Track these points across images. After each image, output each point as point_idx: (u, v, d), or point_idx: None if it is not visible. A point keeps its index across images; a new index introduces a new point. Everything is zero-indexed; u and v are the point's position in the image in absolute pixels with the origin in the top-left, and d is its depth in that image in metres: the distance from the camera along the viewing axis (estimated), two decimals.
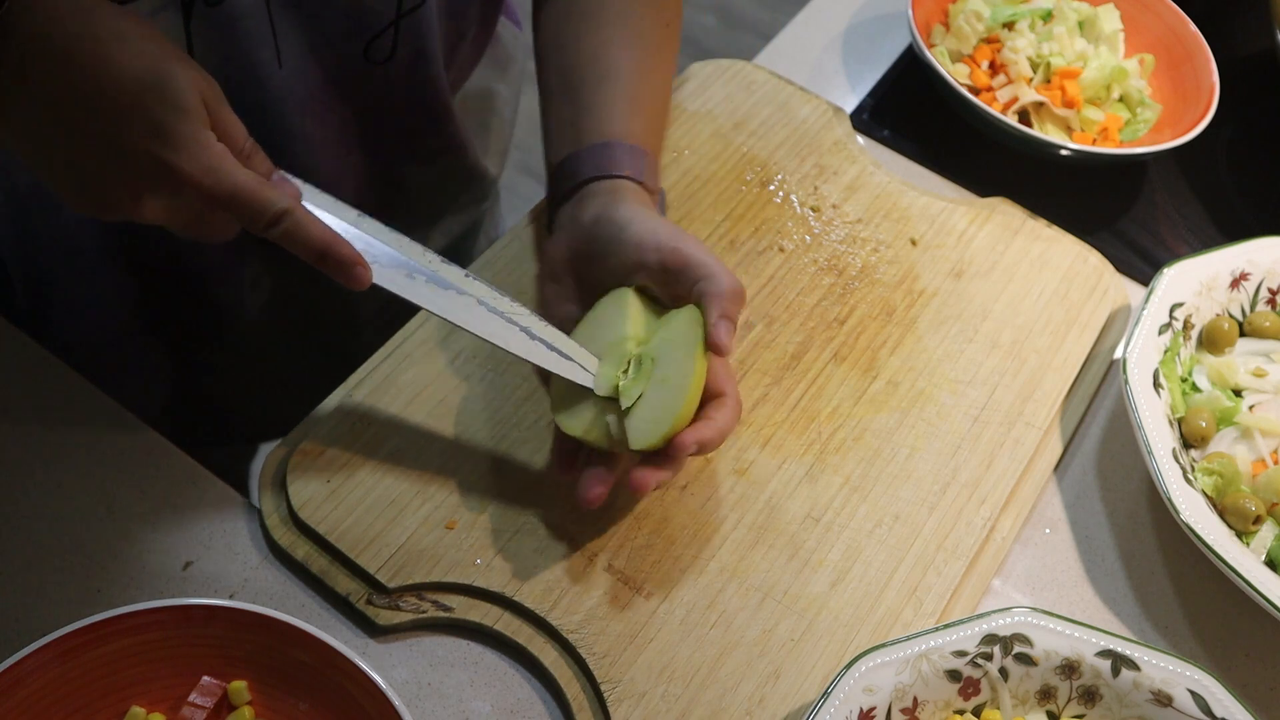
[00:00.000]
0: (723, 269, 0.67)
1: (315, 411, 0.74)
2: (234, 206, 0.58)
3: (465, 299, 0.66)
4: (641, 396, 0.66)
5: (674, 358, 0.66)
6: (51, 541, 0.69)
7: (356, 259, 0.61)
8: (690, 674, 0.66)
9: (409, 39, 0.77)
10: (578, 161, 0.73)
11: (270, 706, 0.63)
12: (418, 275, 0.65)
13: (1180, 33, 1.01)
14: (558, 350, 0.67)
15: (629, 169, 0.73)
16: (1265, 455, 0.76)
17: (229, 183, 0.57)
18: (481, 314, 0.66)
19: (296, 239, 0.59)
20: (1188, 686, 0.64)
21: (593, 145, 0.73)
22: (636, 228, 0.69)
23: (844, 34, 1.06)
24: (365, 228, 0.65)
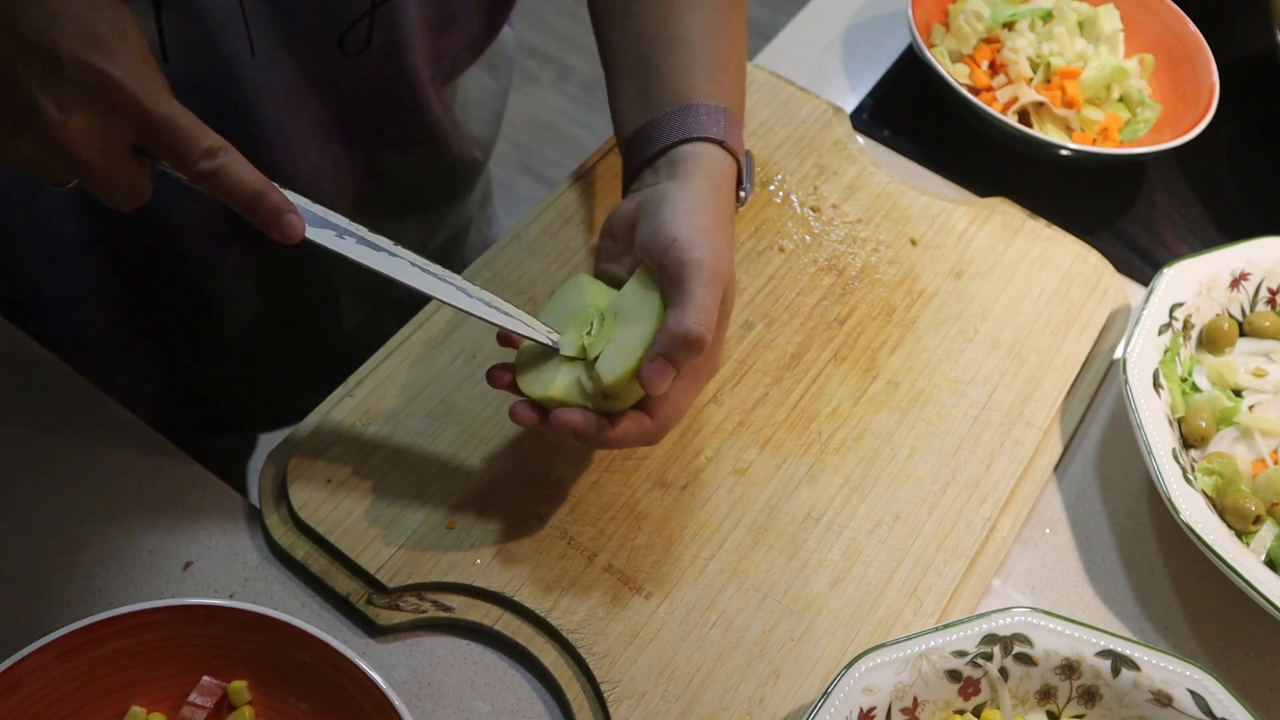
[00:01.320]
0: (700, 308, 0.62)
1: (315, 411, 0.74)
2: (166, 133, 0.55)
3: (396, 260, 0.63)
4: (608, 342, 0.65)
5: (638, 303, 0.65)
6: (51, 541, 0.69)
7: (288, 207, 0.58)
8: (690, 674, 0.66)
9: (384, 29, 0.77)
10: (656, 127, 0.71)
11: (270, 706, 0.63)
12: (348, 236, 0.62)
13: (1180, 33, 1.01)
14: (497, 308, 0.65)
15: (714, 130, 0.70)
16: (1265, 455, 0.76)
17: (166, 108, 0.55)
18: (416, 273, 0.64)
19: (227, 180, 0.57)
20: (1188, 686, 0.64)
21: (672, 110, 0.71)
22: (668, 215, 0.66)
23: (844, 34, 1.06)
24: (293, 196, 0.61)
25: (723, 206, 0.69)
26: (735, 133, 0.72)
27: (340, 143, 0.83)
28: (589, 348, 0.65)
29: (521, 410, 0.64)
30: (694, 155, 0.69)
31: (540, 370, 0.66)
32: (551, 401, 0.64)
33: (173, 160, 0.57)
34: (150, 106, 0.54)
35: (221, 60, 0.71)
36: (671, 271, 0.64)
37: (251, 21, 0.71)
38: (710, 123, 0.70)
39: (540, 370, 0.66)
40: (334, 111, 0.81)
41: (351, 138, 0.84)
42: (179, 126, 0.55)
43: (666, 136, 0.70)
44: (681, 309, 0.62)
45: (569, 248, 0.83)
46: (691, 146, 0.70)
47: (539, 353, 0.66)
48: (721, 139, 0.70)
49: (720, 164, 0.70)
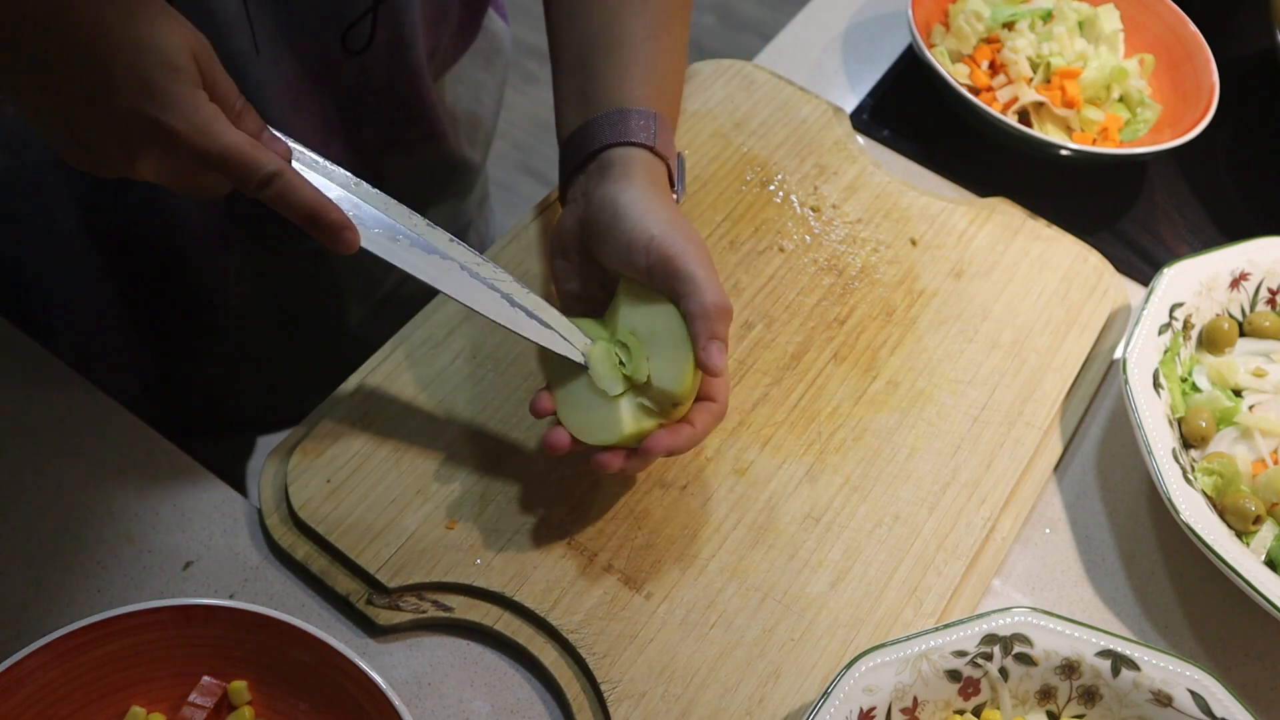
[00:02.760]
0: (709, 283, 0.65)
1: (315, 410, 0.74)
2: (224, 167, 0.58)
3: (448, 264, 0.65)
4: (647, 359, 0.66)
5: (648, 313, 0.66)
6: (51, 541, 0.69)
7: (345, 223, 0.61)
8: (690, 674, 0.66)
9: (387, 25, 0.77)
10: (589, 131, 0.72)
11: (270, 706, 0.63)
12: (402, 238, 0.65)
13: (1180, 33, 1.01)
14: (538, 318, 0.67)
15: (641, 135, 0.71)
16: (1265, 455, 0.76)
17: (220, 143, 0.57)
18: (463, 278, 0.66)
19: (286, 201, 0.59)
20: (1188, 686, 0.64)
21: (605, 114, 0.72)
22: (632, 221, 0.67)
23: (844, 34, 1.06)
24: (354, 190, 0.64)
25: (668, 199, 0.70)
26: (665, 137, 0.72)
27: (342, 141, 0.84)
28: (634, 374, 0.66)
29: (610, 459, 0.65)
30: (624, 159, 0.70)
31: (597, 416, 0.66)
32: (628, 440, 0.65)
33: (235, 185, 0.59)
34: (205, 146, 0.57)
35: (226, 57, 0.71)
36: (663, 268, 0.65)
37: (255, 19, 0.71)
38: (639, 128, 0.71)
39: (597, 416, 0.66)
40: (336, 110, 0.81)
41: (353, 136, 0.84)
42: (233, 160, 0.57)
43: (597, 140, 0.71)
44: (696, 290, 0.65)
45: None
46: (622, 151, 0.70)
47: (583, 397, 0.67)
48: (650, 144, 0.71)
49: (650, 167, 0.71)
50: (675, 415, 0.66)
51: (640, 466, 0.67)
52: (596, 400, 0.66)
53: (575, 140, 0.73)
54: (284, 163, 0.59)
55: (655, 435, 0.65)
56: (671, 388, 0.65)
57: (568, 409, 0.67)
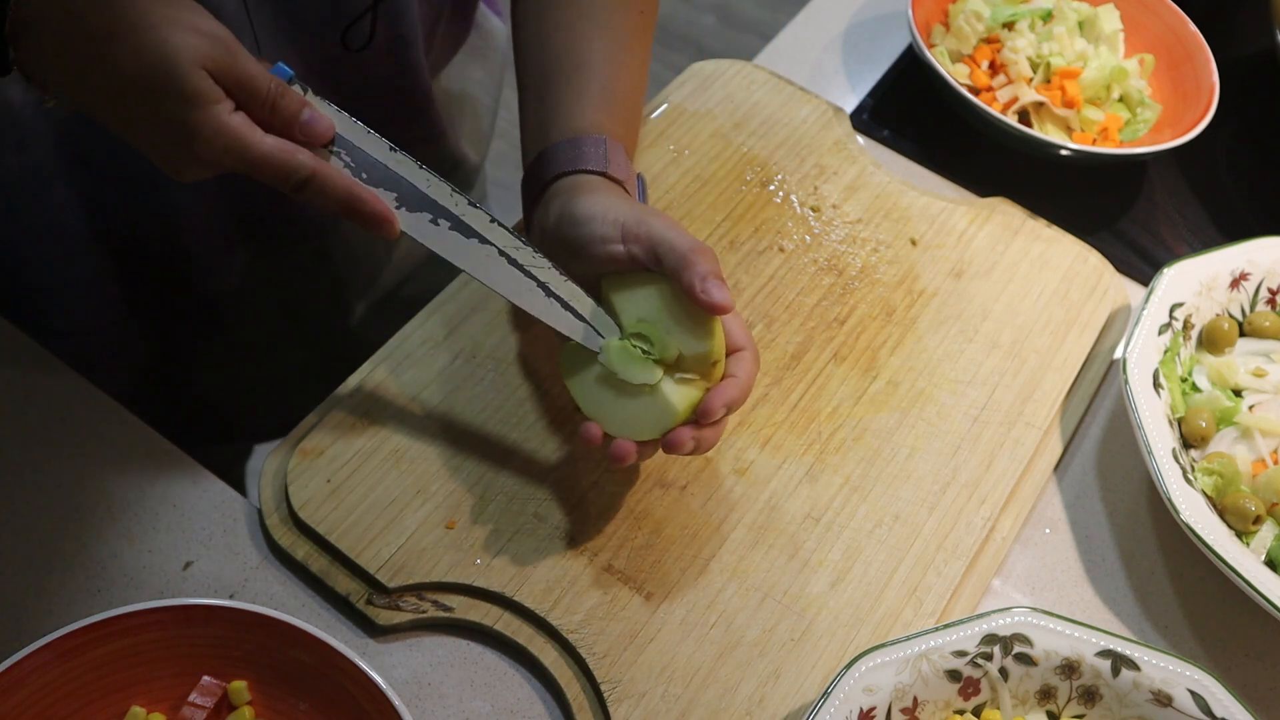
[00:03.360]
0: (681, 235, 0.65)
1: (315, 410, 0.74)
2: (260, 176, 0.59)
3: (487, 249, 0.65)
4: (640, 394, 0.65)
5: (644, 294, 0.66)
6: (51, 541, 0.69)
7: (384, 212, 0.62)
8: (690, 674, 0.66)
9: (386, 24, 0.77)
10: (543, 161, 0.72)
11: (270, 706, 0.63)
12: (442, 221, 0.65)
13: (1180, 33, 1.01)
14: (572, 309, 0.66)
15: (592, 162, 0.71)
16: (1265, 455, 0.76)
17: (250, 156, 0.58)
18: (499, 265, 0.65)
19: (325, 198, 0.61)
20: (1188, 686, 0.64)
21: (558, 143, 0.72)
22: (597, 220, 0.66)
23: (844, 34, 1.06)
24: (395, 163, 0.64)
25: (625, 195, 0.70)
26: (618, 160, 0.72)
27: None
28: (664, 355, 0.65)
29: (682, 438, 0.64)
30: (575, 186, 0.70)
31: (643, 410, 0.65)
32: (683, 418, 0.65)
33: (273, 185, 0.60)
34: (236, 163, 0.58)
35: None
36: (641, 243, 0.65)
37: (255, 19, 0.71)
38: (591, 155, 0.71)
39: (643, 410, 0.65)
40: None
41: None
42: (267, 169, 0.59)
43: (550, 170, 0.71)
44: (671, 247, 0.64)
45: None
46: (573, 179, 0.70)
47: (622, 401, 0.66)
48: (603, 170, 0.71)
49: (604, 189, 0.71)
50: (716, 375, 0.65)
51: (712, 437, 0.66)
52: (635, 397, 0.65)
53: (532, 173, 0.73)
54: (317, 163, 0.60)
55: (708, 397, 0.64)
56: (702, 348, 0.64)
57: (611, 418, 0.66)
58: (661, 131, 0.90)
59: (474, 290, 0.80)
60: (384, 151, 0.64)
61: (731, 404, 0.65)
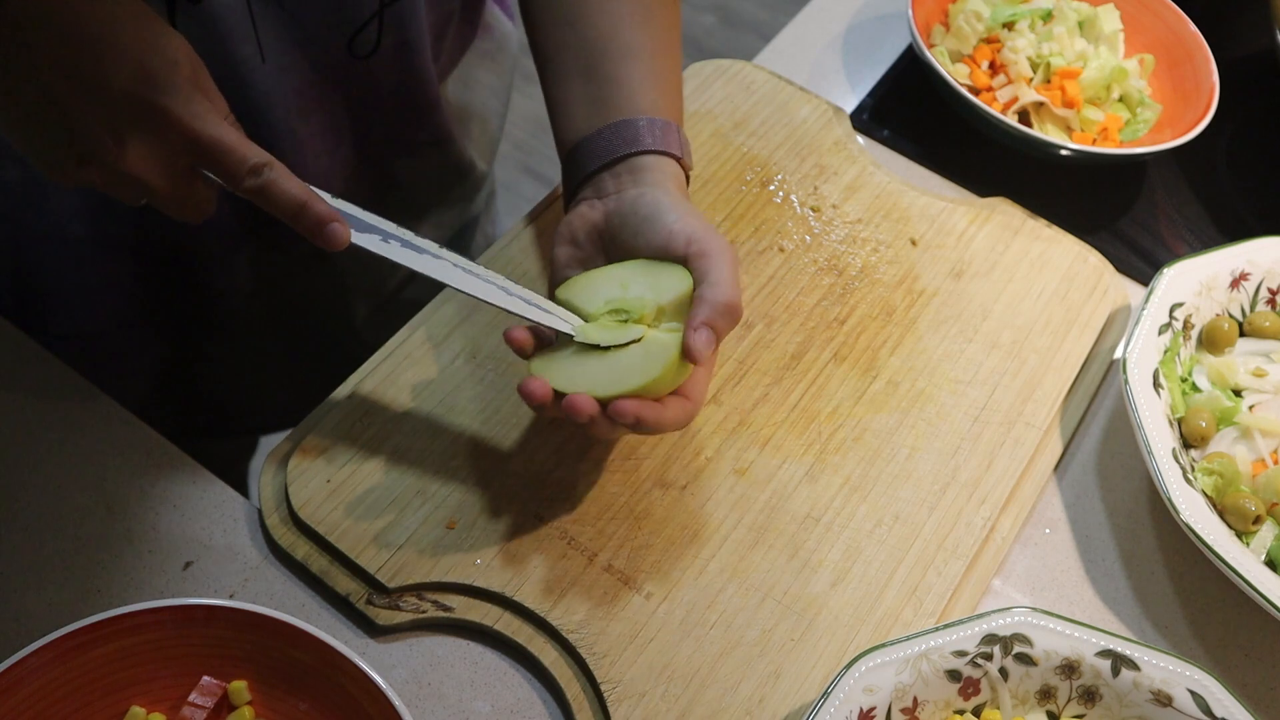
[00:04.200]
0: (730, 284, 0.66)
1: (315, 411, 0.74)
2: (216, 154, 0.58)
3: (441, 262, 0.66)
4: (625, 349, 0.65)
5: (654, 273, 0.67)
6: (51, 541, 0.69)
7: (333, 216, 0.61)
8: (690, 674, 0.66)
9: (393, 30, 0.77)
10: (612, 135, 0.72)
11: (270, 706, 0.63)
12: (392, 240, 0.65)
13: (1180, 33, 1.01)
14: (536, 305, 0.67)
15: (674, 145, 0.72)
16: (1265, 455, 0.76)
17: (209, 133, 0.58)
18: (458, 272, 0.66)
19: (273, 194, 0.60)
20: (1188, 686, 0.64)
21: (628, 120, 0.72)
22: (677, 216, 0.68)
23: (844, 34, 1.06)
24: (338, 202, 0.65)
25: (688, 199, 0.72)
26: (689, 150, 0.75)
27: (351, 147, 0.84)
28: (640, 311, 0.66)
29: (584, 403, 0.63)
30: (657, 165, 0.71)
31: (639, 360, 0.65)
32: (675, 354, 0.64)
33: (223, 178, 0.60)
34: (199, 130, 0.58)
35: (232, 66, 0.72)
36: (698, 261, 0.67)
37: (260, 27, 0.71)
38: (673, 140, 0.73)
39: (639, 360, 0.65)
40: (344, 116, 0.81)
41: (362, 142, 0.84)
42: (225, 147, 0.59)
43: (630, 145, 0.72)
44: (717, 285, 0.65)
45: None
46: (655, 158, 0.72)
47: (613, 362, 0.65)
48: (679, 155, 0.73)
49: (679, 177, 0.73)
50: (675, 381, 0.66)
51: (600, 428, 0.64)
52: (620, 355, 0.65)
53: (596, 144, 0.73)
54: (271, 159, 0.60)
55: (626, 401, 0.63)
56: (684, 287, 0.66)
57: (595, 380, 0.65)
58: None
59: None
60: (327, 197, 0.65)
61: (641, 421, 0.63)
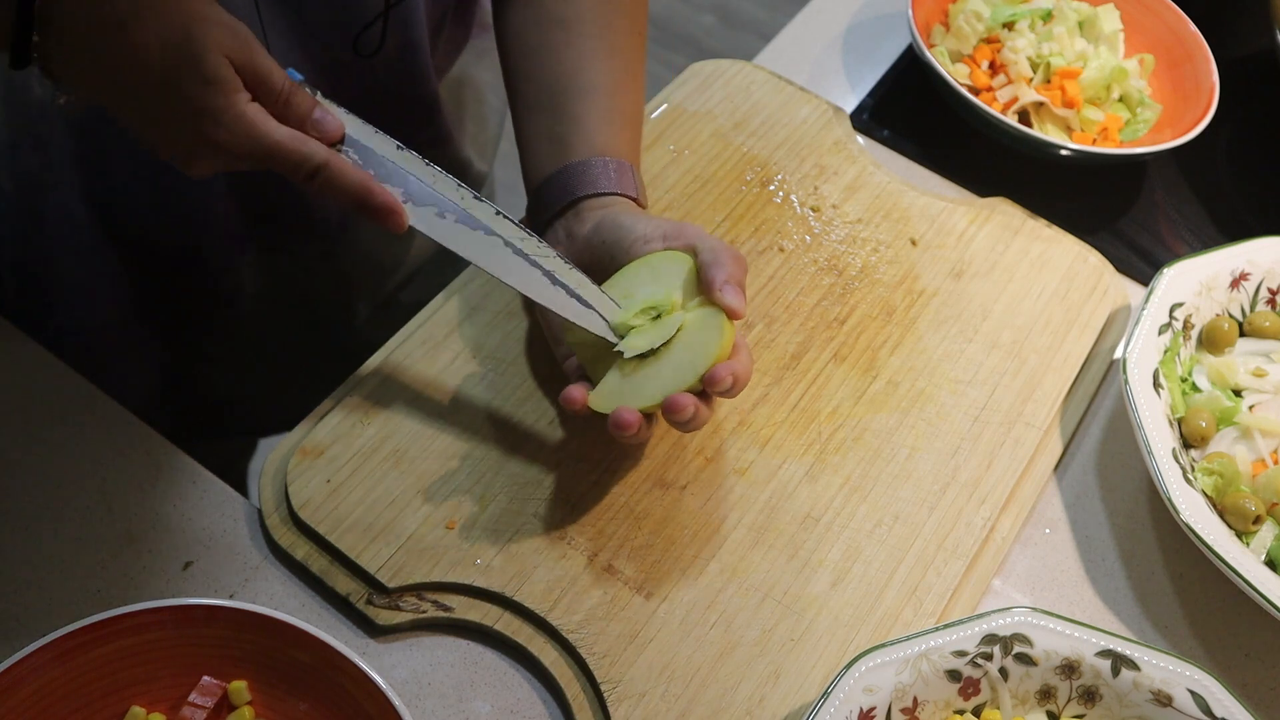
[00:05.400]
0: (723, 243, 0.68)
1: (315, 411, 0.74)
2: (273, 164, 0.60)
3: (492, 240, 0.67)
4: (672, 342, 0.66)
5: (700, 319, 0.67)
6: (51, 541, 0.69)
7: (393, 205, 0.63)
8: (690, 674, 0.66)
9: (398, 30, 0.77)
10: (570, 177, 0.73)
11: (270, 706, 0.63)
12: (449, 214, 0.66)
13: (1180, 33, 1.01)
14: (578, 297, 0.68)
15: (629, 187, 0.73)
16: (1265, 455, 0.76)
17: (265, 144, 0.59)
18: (506, 256, 0.67)
19: (334, 188, 0.62)
20: (1188, 686, 0.64)
21: (586, 161, 0.73)
22: (640, 227, 0.69)
23: (844, 34, 1.06)
24: (403, 160, 0.66)
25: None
26: (643, 188, 0.76)
27: None
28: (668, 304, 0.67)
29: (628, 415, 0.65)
30: (614, 204, 0.73)
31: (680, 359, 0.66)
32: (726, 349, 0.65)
33: (286, 176, 0.61)
34: (251, 149, 0.59)
35: None
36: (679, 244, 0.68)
37: (266, 21, 0.71)
38: (625, 178, 0.74)
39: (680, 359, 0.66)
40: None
41: None
42: (280, 157, 0.60)
43: (585, 186, 0.73)
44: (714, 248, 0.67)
45: None
46: (610, 198, 0.73)
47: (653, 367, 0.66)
48: (634, 195, 0.74)
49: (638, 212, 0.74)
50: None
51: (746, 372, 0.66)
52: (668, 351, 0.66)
53: (556, 184, 0.74)
54: (329, 153, 0.61)
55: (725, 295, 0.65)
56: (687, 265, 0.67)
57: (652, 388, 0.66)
58: (661, 131, 0.90)
59: (474, 290, 0.80)
60: (391, 149, 0.65)
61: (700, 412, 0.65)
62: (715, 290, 0.65)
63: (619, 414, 0.64)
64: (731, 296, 0.65)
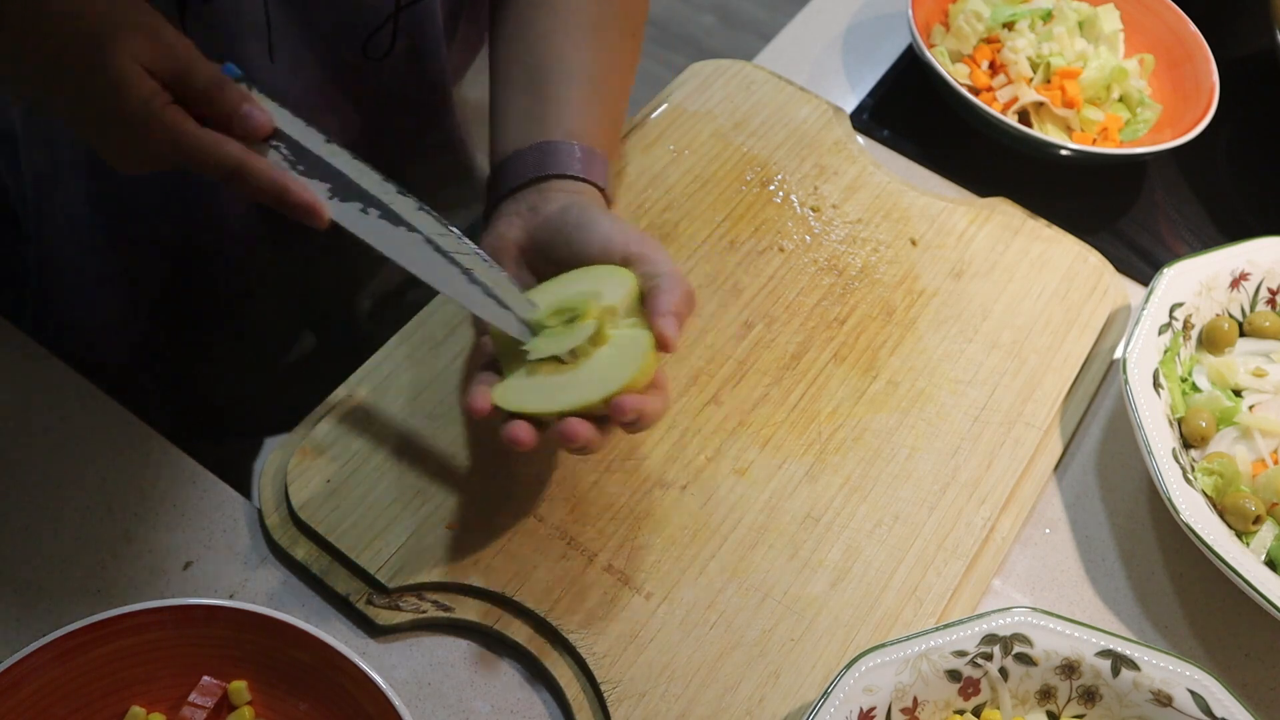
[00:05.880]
0: (680, 273, 0.65)
1: (315, 411, 0.74)
2: (191, 166, 0.60)
3: (412, 236, 0.66)
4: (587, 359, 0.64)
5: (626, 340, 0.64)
6: (51, 541, 0.69)
7: (310, 203, 0.62)
8: (690, 674, 0.66)
9: (408, 33, 0.77)
10: (541, 154, 0.72)
11: (270, 706, 0.63)
12: (371, 210, 0.65)
13: (1180, 33, 1.01)
14: (495, 296, 0.66)
15: (597, 176, 0.72)
16: (1265, 455, 0.76)
17: (181, 146, 0.59)
18: (425, 252, 0.66)
19: (251, 188, 0.61)
20: (1188, 686, 0.64)
21: (557, 142, 0.72)
22: (606, 226, 0.68)
23: (844, 34, 1.06)
24: (330, 154, 0.65)
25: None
26: (613, 184, 0.75)
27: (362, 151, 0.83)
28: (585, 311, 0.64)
29: (521, 432, 0.62)
30: (581, 189, 0.72)
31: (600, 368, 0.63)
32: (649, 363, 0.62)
33: (206, 175, 0.61)
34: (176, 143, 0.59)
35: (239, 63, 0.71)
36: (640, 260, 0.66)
37: (274, 24, 0.71)
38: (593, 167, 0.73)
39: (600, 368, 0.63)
40: (358, 118, 0.81)
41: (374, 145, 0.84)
42: (200, 156, 0.60)
43: (556, 165, 0.72)
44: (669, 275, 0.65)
45: None
46: (578, 183, 0.72)
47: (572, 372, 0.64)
48: (602, 186, 0.73)
49: (600, 202, 0.73)
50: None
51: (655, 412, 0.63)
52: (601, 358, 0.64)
53: (526, 159, 0.73)
54: (244, 154, 0.61)
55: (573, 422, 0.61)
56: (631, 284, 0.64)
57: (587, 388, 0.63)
58: (661, 131, 0.90)
59: None
60: (320, 144, 0.65)
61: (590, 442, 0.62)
62: (655, 314, 0.63)
63: (511, 431, 0.62)
64: (668, 325, 0.62)
